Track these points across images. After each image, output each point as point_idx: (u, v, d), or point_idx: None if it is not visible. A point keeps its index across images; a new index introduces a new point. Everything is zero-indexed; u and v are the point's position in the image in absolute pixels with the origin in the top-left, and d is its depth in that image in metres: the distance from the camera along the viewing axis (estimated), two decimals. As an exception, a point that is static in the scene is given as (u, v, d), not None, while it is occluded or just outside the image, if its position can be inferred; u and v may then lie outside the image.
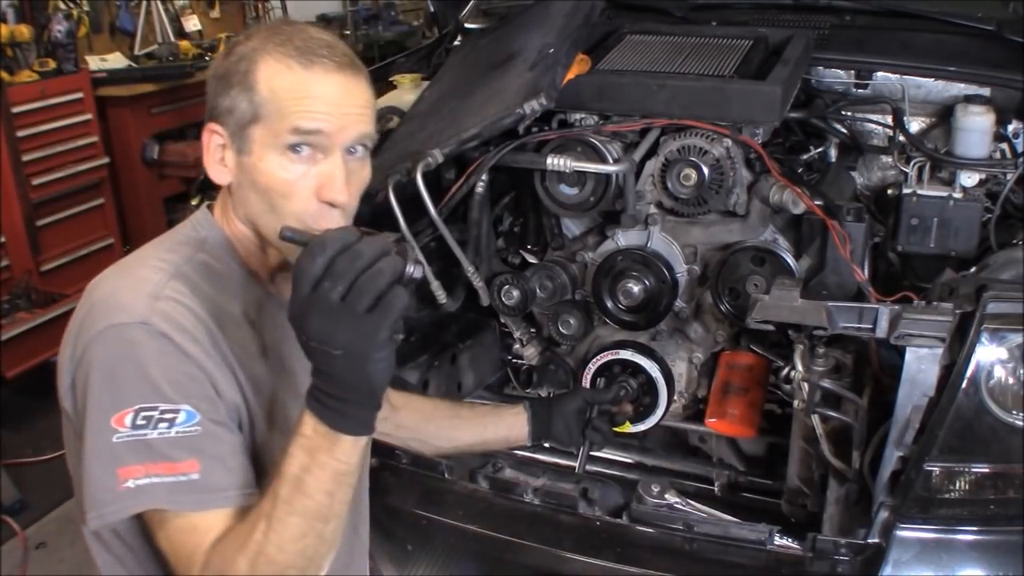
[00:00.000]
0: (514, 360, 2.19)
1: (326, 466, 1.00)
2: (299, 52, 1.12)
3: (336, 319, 0.93)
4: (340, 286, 0.93)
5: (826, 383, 1.56)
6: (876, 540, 1.47)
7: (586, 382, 1.90)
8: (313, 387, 1.00)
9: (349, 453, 1.01)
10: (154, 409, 1.04)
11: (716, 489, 1.93)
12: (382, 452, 1.48)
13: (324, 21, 6.25)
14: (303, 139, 1.11)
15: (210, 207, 1.25)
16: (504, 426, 1.70)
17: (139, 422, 1.04)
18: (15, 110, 3.80)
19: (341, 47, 1.16)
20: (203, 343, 1.09)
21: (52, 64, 4.05)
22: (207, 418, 1.07)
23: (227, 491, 1.07)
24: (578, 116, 1.85)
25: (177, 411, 1.05)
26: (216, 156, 1.16)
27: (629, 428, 1.88)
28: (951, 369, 1.41)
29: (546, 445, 1.96)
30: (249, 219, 1.18)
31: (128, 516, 1.07)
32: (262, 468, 1.14)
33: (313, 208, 1.13)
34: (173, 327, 1.07)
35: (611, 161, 1.77)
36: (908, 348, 1.41)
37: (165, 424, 1.04)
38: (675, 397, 1.91)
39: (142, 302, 1.08)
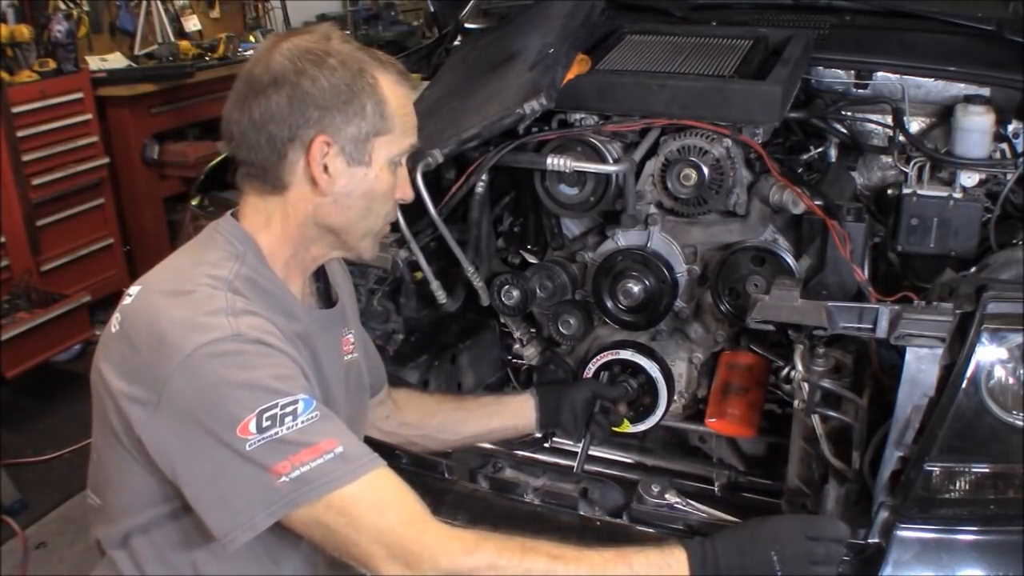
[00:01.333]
0: (514, 360, 2.19)
1: None
2: (399, 72, 1.26)
3: None
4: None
5: (826, 383, 1.56)
6: (876, 540, 1.47)
7: (586, 382, 1.90)
8: (718, 550, 1.18)
9: None
10: (275, 407, 1.08)
11: (716, 489, 1.93)
12: (382, 453, 1.47)
13: (324, 21, 6.25)
14: (409, 154, 1.30)
15: (234, 214, 1.27)
16: (510, 414, 1.71)
17: (265, 424, 1.07)
18: (15, 110, 3.80)
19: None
20: (285, 345, 1.15)
21: (52, 64, 4.05)
22: (320, 402, 1.13)
23: (369, 455, 1.13)
24: (578, 116, 1.85)
25: (296, 402, 1.10)
26: (320, 165, 1.21)
27: (629, 428, 1.88)
28: (951, 369, 1.41)
29: (546, 445, 1.97)
30: (337, 224, 1.25)
31: (283, 515, 1.09)
32: None
33: (392, 206, 1.32)
34: (263, 332, 1.12)
35: (611, 161, 1.77)
36: (908, 348, 1.41)
37: (290, 417, 1.09)
38: (675, 397, 1.91)
39: (222, 320, 1.11)
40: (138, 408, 1.12)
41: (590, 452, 1.98)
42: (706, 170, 1.77)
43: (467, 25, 2.56)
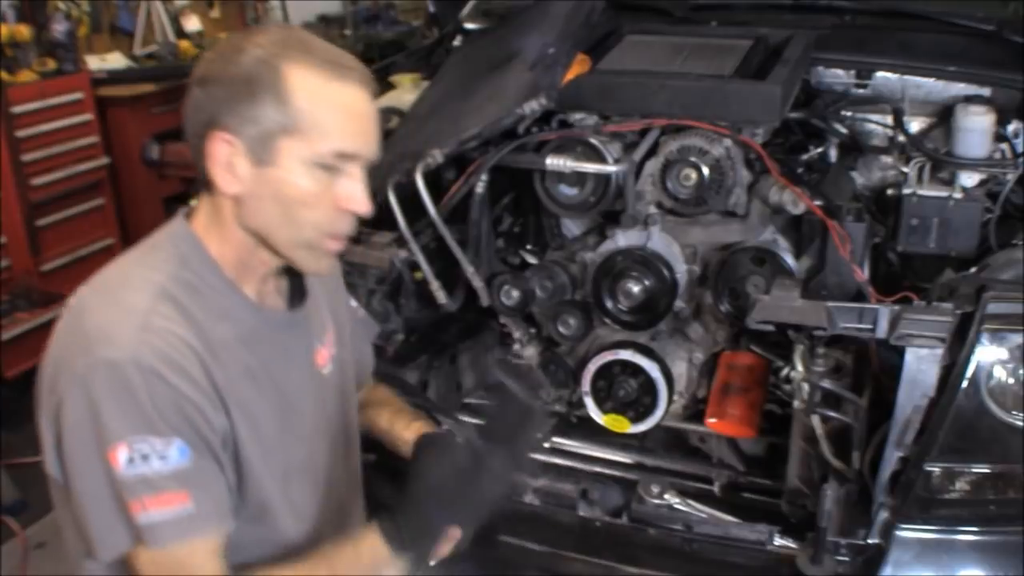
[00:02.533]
0: (514, 360, 2.18)
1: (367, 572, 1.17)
2: (329, 64, 1.11)
3: (487, 507, 1.22)
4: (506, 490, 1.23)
5: (826, 383, 1.56)
6: (876, 540, 1.47)
7: (586, 382, 1.90)
8: (400, 520, 1.18)
9: (390, 573, 1.18)
10: (148, 444, 1.06)
11: (716, 489, 1.92)
12: (380, 449, 1.47)
13: (324, 21, 6.25)
14: (341, 162, 1.12)
15: (187, 215, 1.21)
16: (400, 440, 1.47)
17: (134, 457, 1.06)
18: (15, 110, 3.79)
19: (351, 57, 1.16)
20: (192, 373, 1.10)
21: (52, 64, 4.04)
22: (196, 451, 1.09)
23: (214, 518, 1.12)
24: (578, 116, 1.85)
25: (169, 446, 1.07)
26: (226, 165, 1.11)
27: (629, 428, 1.88)
28: (951, 369, 1.41)
29: (546, 445, 1.96)
30: (258, 228, 1.15)
31: (130, 549, 1.09)
32: (247, 485, 1.18)
33: (332, 216, 1.15)
34: (163, 361, 1.07)
35: (611, 161, 1.77)
36: (908, 348, 1.41)
37: (159, 460, 1.06)
38: (675, 397, 1.90)
39: (131, 334, 1.07)
40: (47, 414, 1.13)
41: (590, 452, 1.99)
42: (706, 170, 1.76)
43: (467, 25, 2.56)
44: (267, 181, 1.11)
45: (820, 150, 1.99)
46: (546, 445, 1.99)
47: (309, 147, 1.10)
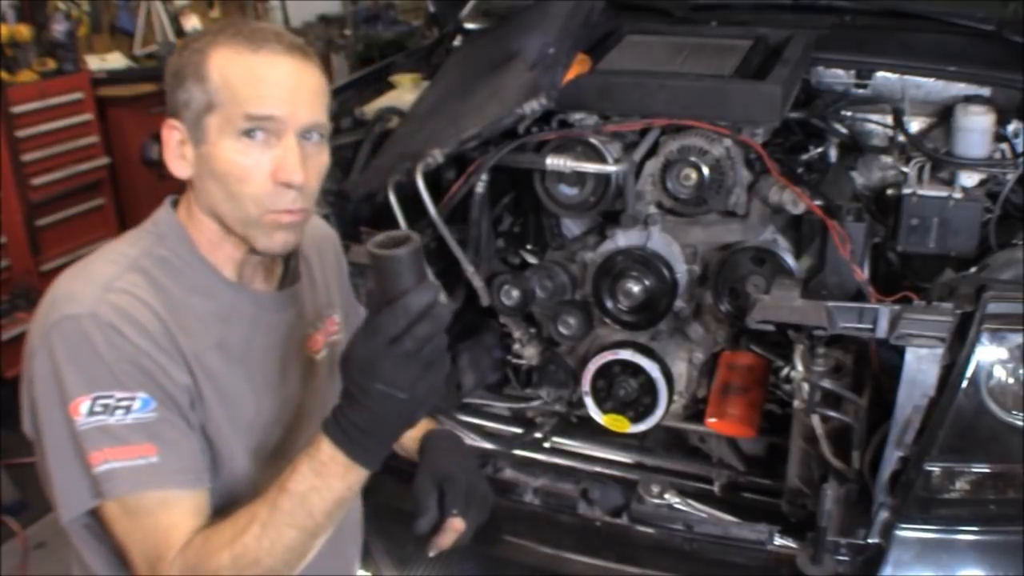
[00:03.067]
0: (514, 360, 2.18)
1: (333, 490, 1.06)
2: (247, 39, 1.14)
3: (409, 369, 1.00)
4: (419, 345, 1.00)
5: (826, 383, 1.56)
6: (876, 540, 1.47)
7: (586, 382, 1.90)
8: (343, 420, 1.04)
9: (358, 483, 1.07)
10: (110, 396, 1.07)
11: (716, 489, 1.92)
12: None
13: (324, 21, 6.25)
14: (256, 124, 1.13)
15: (175, 203, 1.25)
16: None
17: (96, 409, 1.07)
18: (15, 110, 3.80)
19: (289, 35, 1.19)
20: (153, 333, 1.11)
21: (52, 64, 4.05)
22: (162, 405, 1.10)
23: (184, 473, 1.10)
24: (578, 116, 1.85)
25: (133, 398, 1.08)
26: (176, 151, 1.17)
27: (629, 428, 1.88)
28: (951, 369, 1.41)
29: (546, 445, 1.96)
30: (211, 209, 1.18)
31: (92, 505, 1.09)
32: (217, 463, 1.17)
33: (269, 190, 1.14)
34: (121, 318, 1.09)
35: (611, 161, 1.77)
36: (908, 348, 1.41)
37: (122, 411, 1.07)
38: (675, 397, 1.90)
39: (92, 293, 1.10)
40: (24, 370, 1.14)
41: (590, 452, 1.99)
42: (706, 170, 1.76)
43: (467, 25, 2.56)
44: (204, 160, 1.15)
45: (820, 150, 1.99)
46: (546, 445, 1.99)
47: (225, 117, 1.13)
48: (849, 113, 2.00)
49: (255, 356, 1.24)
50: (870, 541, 1.48)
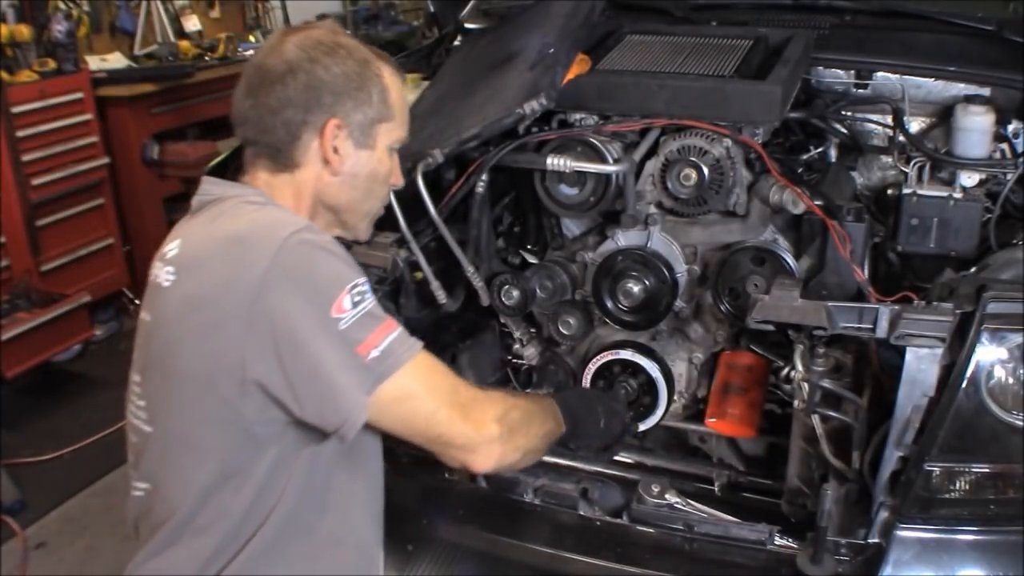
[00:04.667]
0: (514, 360, 2.18)
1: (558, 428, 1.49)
2: (396, 67, 1.41)
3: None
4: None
5: (826, 383, 1.56)
6: (876, 540, 1.47)
7: (586, 382, 1.90)
8: (570, 399, 1.59)
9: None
10: (360, 284, 1.21)
11: (716, 489, 1.92)
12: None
13: (324, 21, 6.25)
14: (400, 144, 1.43)
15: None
16: None
17: (356, 298, 1.19)
18: (15, 110, 3.80)
19: None
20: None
21: (52, 64, 4.04)
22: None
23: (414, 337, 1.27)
24: (578, 116, 1.85)
25: (367, 282, 1.23)
26: (332, 147, 1.33)
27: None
28: (951, 369, 1.41)
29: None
30: (339, 203, 1.38)
31: (381, 386, 1.19)
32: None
33: (387, 191, 1.47)
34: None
35: (611, 161, 1.77)
36: (908, 348, 1.41)
37: (369, 294, 1.22)
38: (675, 397, 1.91)
39: (291, 218, 1.27)
40: (229, 329, 1.17)
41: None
42: (706, 170, 1.77)
43: (467, 25, 2.56)
44: (366, 161, 1.37)
45: (820, 150, 1.99)
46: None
47: (396, 134, 1.40)
48: (849, 113, 2.00)
49: None
50: (870, 541, 1.48)
